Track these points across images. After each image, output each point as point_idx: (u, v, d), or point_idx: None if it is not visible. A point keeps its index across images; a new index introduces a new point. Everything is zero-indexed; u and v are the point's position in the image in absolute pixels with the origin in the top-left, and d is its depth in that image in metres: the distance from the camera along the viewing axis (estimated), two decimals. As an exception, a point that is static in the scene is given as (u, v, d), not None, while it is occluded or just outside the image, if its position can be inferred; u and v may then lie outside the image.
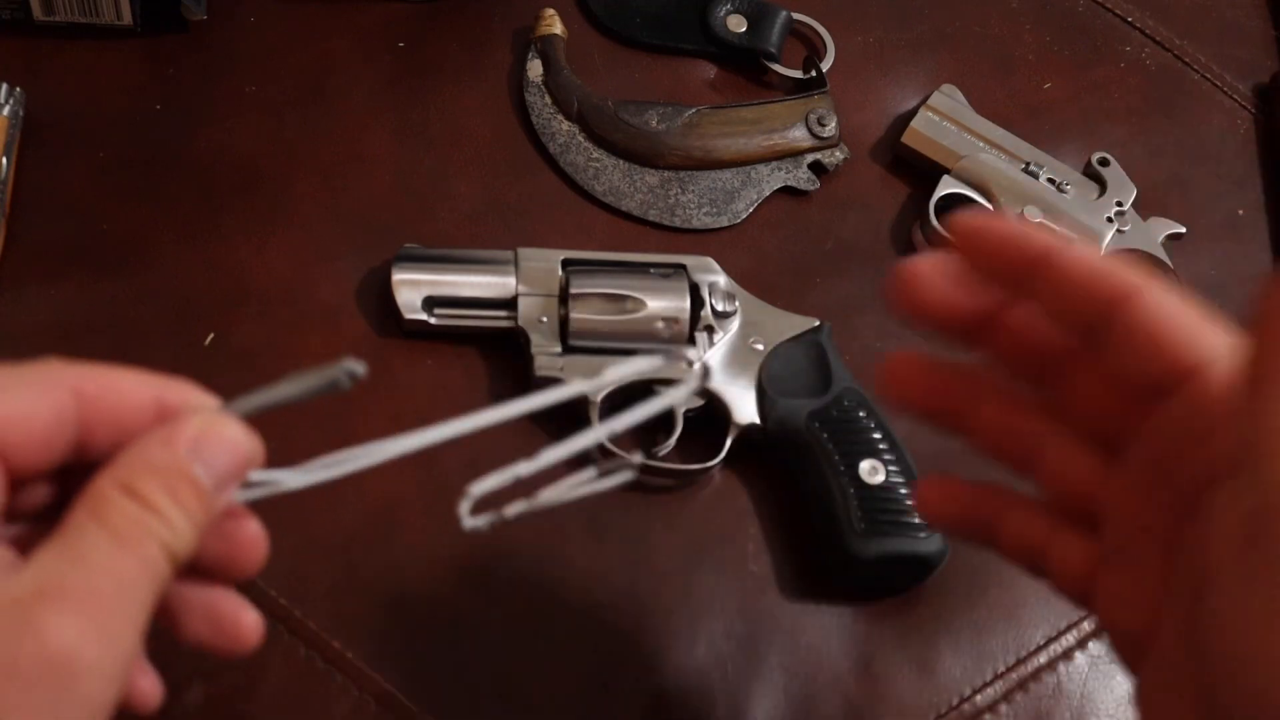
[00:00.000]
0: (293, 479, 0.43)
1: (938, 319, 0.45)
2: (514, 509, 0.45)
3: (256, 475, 0.42)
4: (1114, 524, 0.43)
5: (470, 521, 0.44)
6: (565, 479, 0.46)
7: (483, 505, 0.44)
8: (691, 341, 0.66)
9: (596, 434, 0.45)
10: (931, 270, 0.45)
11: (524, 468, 0.44)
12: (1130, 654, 0.42)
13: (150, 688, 0.44)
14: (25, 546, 0.40)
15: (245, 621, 0.44)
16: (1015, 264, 0.43)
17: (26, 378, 0.41)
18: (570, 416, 0.65)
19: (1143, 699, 0.41)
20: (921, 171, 0.75)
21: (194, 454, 0.41)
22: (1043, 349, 0.44)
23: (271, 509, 0.62)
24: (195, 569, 0.43)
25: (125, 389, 0.42)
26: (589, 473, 0.46)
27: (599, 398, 0.65)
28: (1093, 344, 0.42)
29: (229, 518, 0.43)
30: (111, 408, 0.42)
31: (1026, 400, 0.46)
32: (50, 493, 0.43)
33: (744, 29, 0.77)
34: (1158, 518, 0.41)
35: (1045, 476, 0.45)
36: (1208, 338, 0.40)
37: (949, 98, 0.76)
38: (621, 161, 0.74)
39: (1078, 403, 0.44)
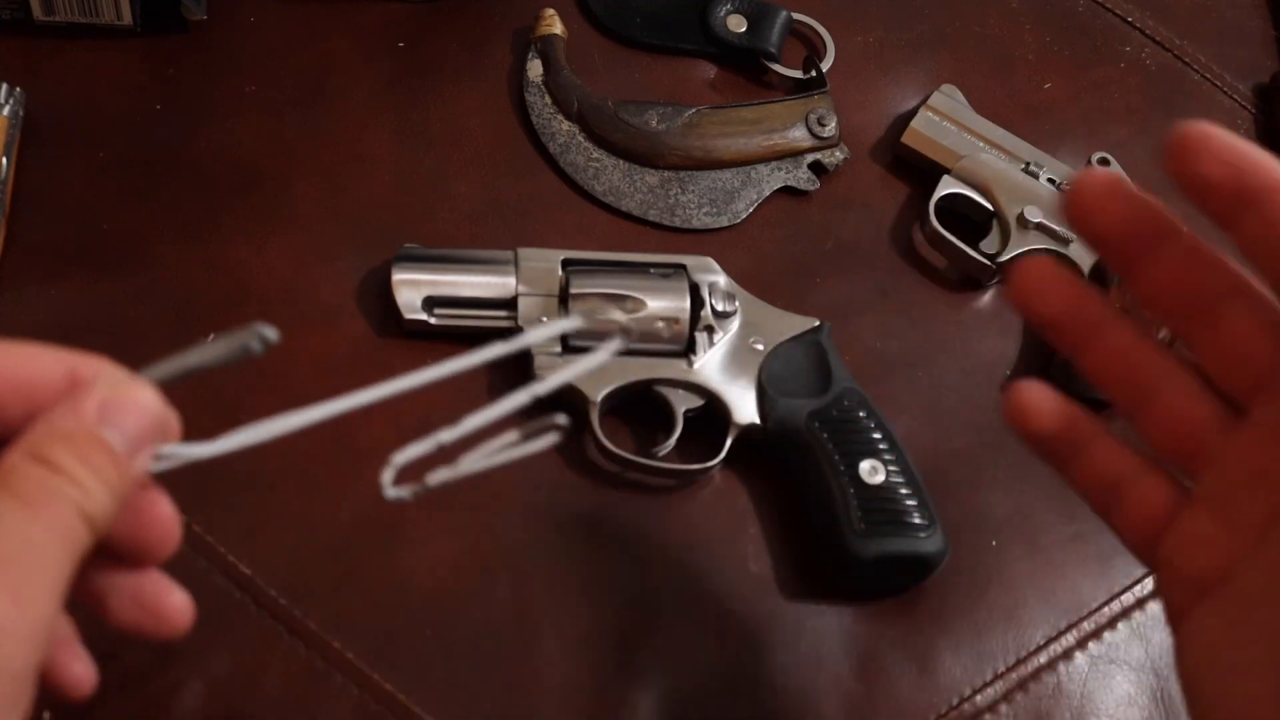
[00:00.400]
0: (204, 449, 0.42)
1: (1105, 232, 0.44)
2: (437, 477, 0.44)
3: (168, 449, 0.42)
4: (1221, 471, 0.42)
5: (393, 492, 0.44)
6: (487, 443, 0.45)
7: (410, 476, 0.43)
8: (691, 341, 0.66)
9: (520, 396, 0.44)
10: (1108, 186, 0.44)
11: (446, 434, 0.44)
12: (1185, 594, 0.43)
13: (83, 672, 0.43)
14: None
15: (172, 602, 0.44)
16: (1229, 190, 0.41)
17: None
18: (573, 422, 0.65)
19: (1196, 639, 0.41)
20: (921, 171, 0.75)
21: (102, 418, 0.40)
22: (1198, 287, 0.43)
23: (272, 509, 0.62)
24: (112, 550, 0.43)
25: (36, 365, 0.42)
26: (512, 435, 0.45)
27: (599, 397, 0.65)
28: None
29: (139, 494, 0.43)
30: (21, 384, 0.41)
31: (1153, 337, 0.45)
32: None
33: (744, 29, 0.77)
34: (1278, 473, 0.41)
35: (1155, 415, 0.44)
36: None
37: (949, 98, 0.76)
38: (621, 161, 0.74)
39: (1219, 347, 0.43)
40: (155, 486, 0.43)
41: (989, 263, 0.72)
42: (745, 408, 0.66)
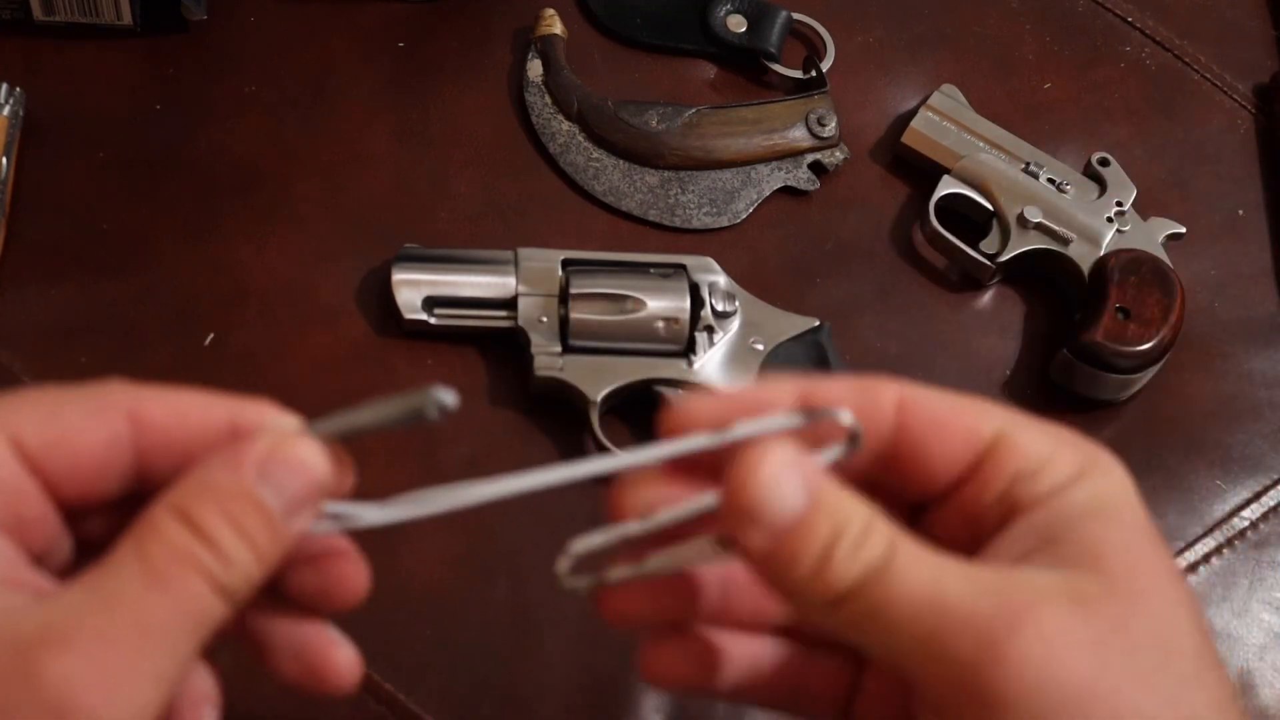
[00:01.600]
0: (373, 514, 0.39)
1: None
2: (618, 574, 0.42)
3: (334, 508, 0.39)
4: None
5: (570, 582, 0.41)
6: (678, 546, 0.41)
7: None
8: (691, 341, 0.66)
9: (709, 499, 0.40)
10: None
11: (634, 528, 0.41)
12: None
13: None
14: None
15: (338, 659, 0.41)
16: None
17: (77, 399, 0.38)
18: (573, 422, 0.65)
19: None
20: (921, 171, 0.75)
21: (261, 475, 0.37)
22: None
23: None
24: (282, 599, 0.40)
25: (192, 412, 0.39)
26: (704, 542, 0.40)
27: (599, 397, 0.65)
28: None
29: (326, 550, 0.40)
30: (176, 432, 0.38)
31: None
32: (111, 525, 0.39)
33: (744, 29, 0.77)
34: None
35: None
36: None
37: (949, 98, 0.76)
38: (621, 161, 0.74)
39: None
40: (343, 538, 0.40)
41: (989, 263, 0.72)
42: (745, 408, 0.65)
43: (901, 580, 0.37)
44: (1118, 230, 0.72)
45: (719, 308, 0.67)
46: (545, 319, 0.66)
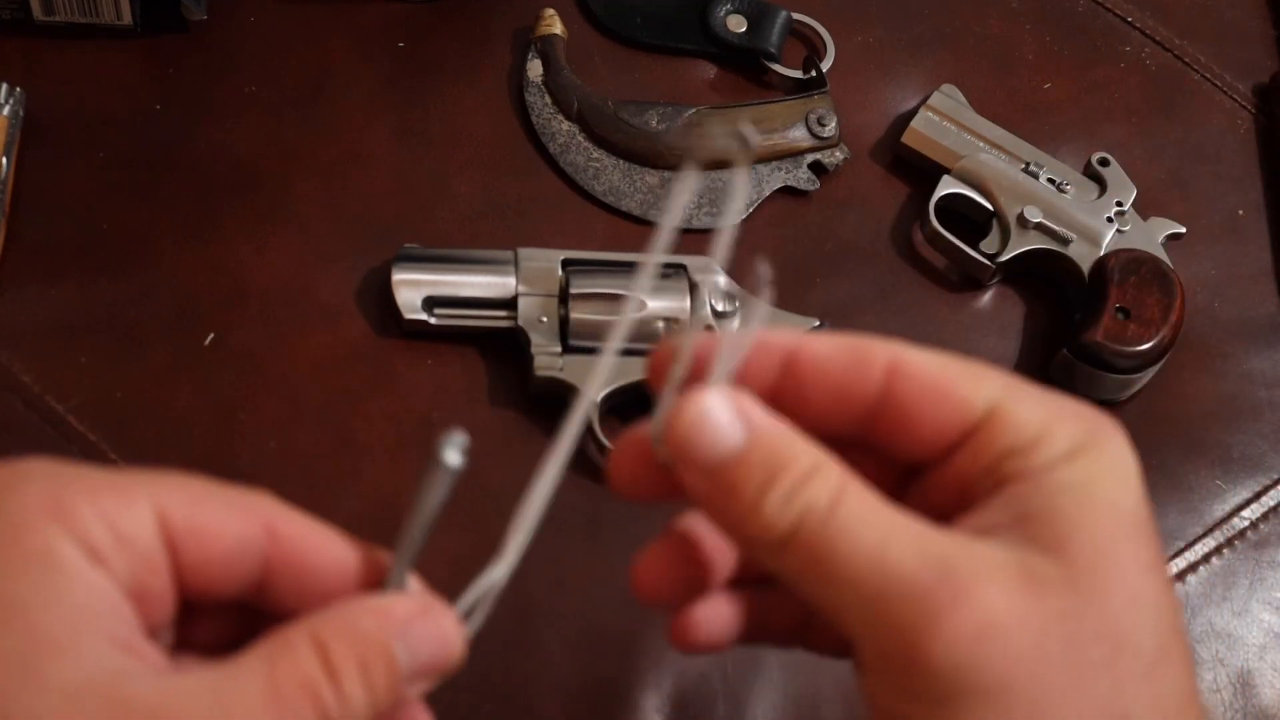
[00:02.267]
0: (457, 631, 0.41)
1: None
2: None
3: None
4: None
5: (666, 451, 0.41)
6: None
7: None
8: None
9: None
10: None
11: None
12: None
13: None
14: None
15: None
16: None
17: (225, 495, 0.39)
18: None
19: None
20: (922, 171, 0.75)
21: (402, 633, 0.38)
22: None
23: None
24: None
25: (326, 545, 0.40)
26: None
27: (599, 397, 0.65)
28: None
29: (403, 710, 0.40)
30: (305, 559, 0.39)
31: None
32: (220, 627, 0.41)
33: (744, 29, 0.77)
34: None
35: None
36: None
37: (949, 98, 0.76)
38: (621, 161, 0.74)
39: None
40: (422, 707, 0.41)
41: (989, 263, 0.72)
42: (745, 408, 0.65)
43: (846, 533, 0.37)
44: (1118, 230, 0.72)
45: (719, 308, 0.67)
46: (545, 319, 0.66)
